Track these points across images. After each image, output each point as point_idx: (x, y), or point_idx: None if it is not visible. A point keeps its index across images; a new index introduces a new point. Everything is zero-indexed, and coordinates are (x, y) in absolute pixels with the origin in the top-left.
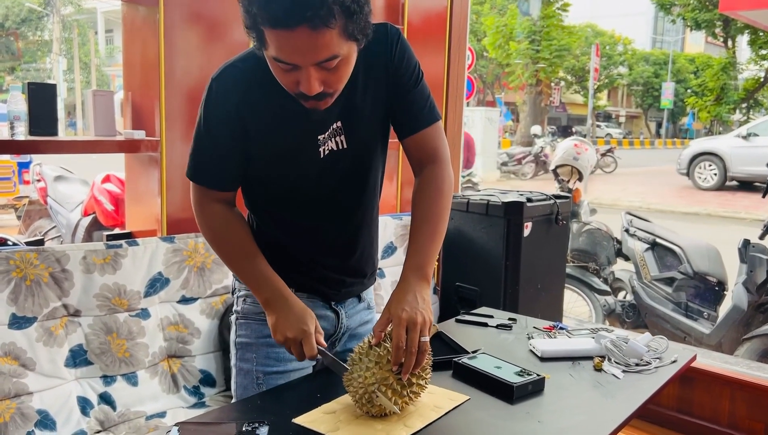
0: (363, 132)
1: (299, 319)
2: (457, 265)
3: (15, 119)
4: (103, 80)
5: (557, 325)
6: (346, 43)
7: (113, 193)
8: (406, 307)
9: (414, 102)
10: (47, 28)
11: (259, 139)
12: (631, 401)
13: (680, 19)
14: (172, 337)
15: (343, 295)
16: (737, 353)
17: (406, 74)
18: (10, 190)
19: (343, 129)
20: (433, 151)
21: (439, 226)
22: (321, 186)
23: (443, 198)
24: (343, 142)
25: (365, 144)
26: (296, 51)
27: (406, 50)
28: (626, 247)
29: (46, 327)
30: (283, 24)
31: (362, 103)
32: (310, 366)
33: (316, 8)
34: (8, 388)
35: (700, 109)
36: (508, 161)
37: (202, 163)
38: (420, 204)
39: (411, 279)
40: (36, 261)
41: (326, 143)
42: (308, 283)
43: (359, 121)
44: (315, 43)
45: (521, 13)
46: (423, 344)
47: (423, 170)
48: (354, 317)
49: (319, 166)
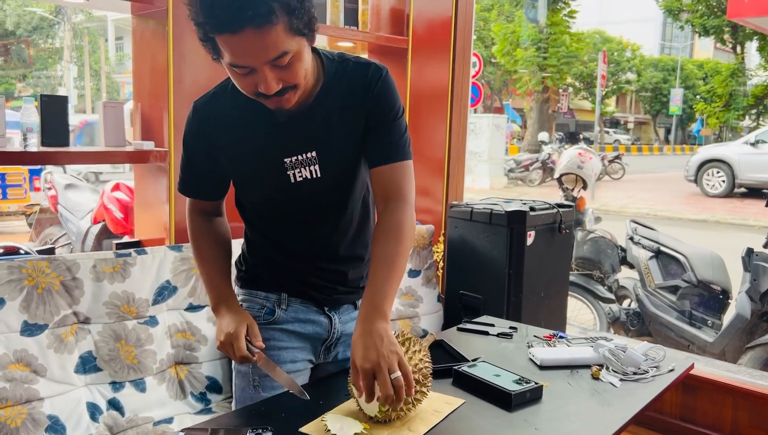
0: (338, 162)
1: (229, 323)
2: (461, 274)
3: (28, 131)
4: (113, 87)
5: (557, 333)
6: (294, 39)
7: (122, 202)
8: (369, 354)
9: (387, 134)
10: (58, 36)
11: (230, 163)
12: (628, 409)
13: (688, 25)
14: (179, 344)
15: (335, 301)
16: (740, 362)
17: (383, 110)
18: (22, 197)
19: (317, 158)
20: (396, 189)
21: (397, 268)
22: (297, 211)
23: (403, 241)
24: (317, 171)
25: (340, 173)
26: (247, 53)
27: (387, 89)
28: (631, 255)
29: (57, 334)
30: (229, 28)
31: (338, 133)
32: (305, 370)
33: (256, 7)
34: (20, 394)
35: (708, 115)
36: (516, 168)
37: (183, 177)
38: (379, 246)
39: (369, 319)
40: (47, 269)
41: (297, 169)
42: (300, 288)
43: (334, 151)
44: (263, 42)
45: (528, 20)
46: (396, 381)
47: (386, 208)
48: (349, 324)
49: (291, 192)
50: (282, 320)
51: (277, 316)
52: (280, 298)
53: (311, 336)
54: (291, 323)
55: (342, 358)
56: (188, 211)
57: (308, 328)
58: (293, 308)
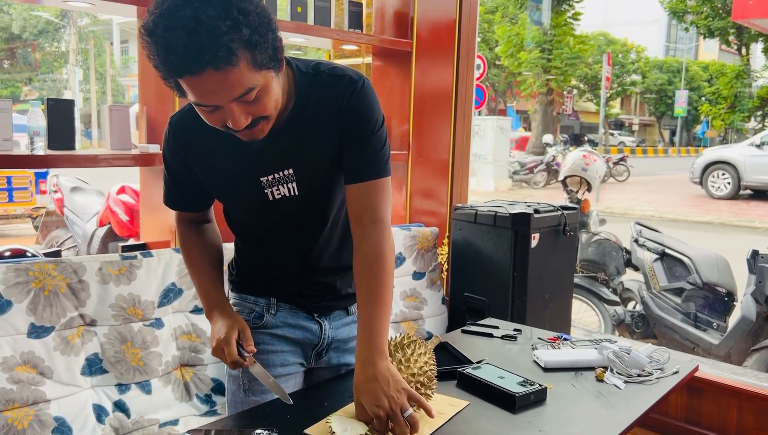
0: (315, 178)
1: (221, 328)
2: (466, 276)
3: (35, 134)
4: (119, 90)
5: (562, 336)
6: (260, 74)
7: (128, 204)
8: (380, 401)
9: (362, 151)
10: (64, 40)
11: (207, 179)
12: (632, 411)
13: (693, 26)
14: (184, 346)
15: (324, 308)
16: (746, 364)
17: (357, 125)
18: (28, 200)
19: (294, 176)
20: (372, 209)
21: (386, 301)
22: (276, 227)
23: (386, 268)
24: (294, 189)
25: (318, 189)
26: (210, 93)
27: (362, 102)
28: (635, 258)
29: (64, 336)
30: (188, 71)
31: (313, 149)
32: (296, 373)
33: (213, 51)
34: (27, 396)
35: (714, 117)
36: (520, 170)
37: (167, 190)
38: (363, 279)
39: (370, 362)
40: (54, 272)
41: (274, 187)
42: (288, 295)
43: (310, 169)
44: (225, 82)
45: (532, 22)
46: (411, 418)
47: (364, 234)
48: (341, 330)
49: (270, 208)
50: (271, 325)
51: (266, 321)
52: (269, 302)
53: (301, 341)
54: (280, 328)
55: (336, 363)
56: (176, 222)
57: (297, 333)
58: (282, 313)
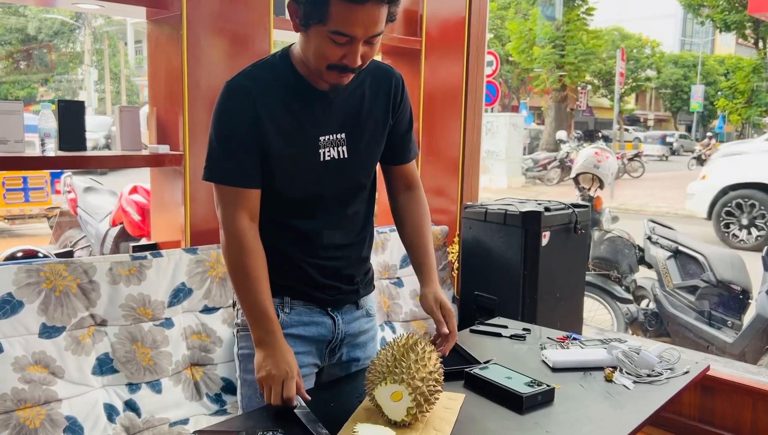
0: (363, 146)
1: (286, 359)
2: (476, 275)
3: (46, 136)
4: (133, 90)
5: (571, 335)
6: (385, 25)
7: (140, 204)
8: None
9: (409, 140)
10: (79, 41)
11: (269, 137)
12: (641, 412)
13: (709, 20)
14: (194, 345)
15: (338, 301)
16: (761, 363)
17: (405, 116)
18: (43, 200)
19: (346, 140)
20: (413, 178)
21: (432, 242)
22: (321, 189)
23: (428, 218)
24: (344, 152)
25: (364, 157)
26: (359, 24)
27: (407, 96)
28: (648, 255)
29: (75, 336)
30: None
31: (365, 121)
32: (311, 374)
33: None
34: (38, 395)
35: (730, 111)
36: (533, 167)
37: (217, 164)
38: (416, 223)
39: (436, 287)
40: (65, 272)
41: (327, 148)
42: (304, 289)
43: (361, 136)
44: (376, 18)
45: (545, 18)
46: None
47: (407, 192)
48: (352, 324)
49: (319, 169)
50: (287, 324)
51: (282, 320)
52: (283, 301)
53: (316, 338)
54: (296, 327)
55: (346, 360)
56: (232, 222)
57: (312, 331)
58: (297, 311)
